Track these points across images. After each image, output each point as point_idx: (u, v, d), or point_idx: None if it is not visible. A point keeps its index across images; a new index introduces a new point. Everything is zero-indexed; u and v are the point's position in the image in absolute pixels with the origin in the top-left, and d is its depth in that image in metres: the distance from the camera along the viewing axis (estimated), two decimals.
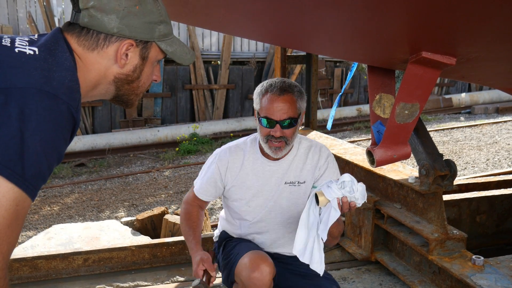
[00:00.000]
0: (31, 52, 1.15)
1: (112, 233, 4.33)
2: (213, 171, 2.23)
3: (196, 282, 2.01)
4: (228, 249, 2.26)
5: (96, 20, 1.22)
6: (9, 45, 1.17)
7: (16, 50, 1.15)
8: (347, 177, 1.81)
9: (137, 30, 1.26)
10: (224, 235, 2.40)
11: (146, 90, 1.40)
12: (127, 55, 1.27)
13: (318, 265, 1.88)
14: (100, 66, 1.26)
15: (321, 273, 1.90)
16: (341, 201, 1.79)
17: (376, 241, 3.64)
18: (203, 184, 2.27)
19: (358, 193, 1.80)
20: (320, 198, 1.79)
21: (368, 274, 3.53)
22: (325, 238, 1.80)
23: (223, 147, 2.29)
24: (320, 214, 1.85)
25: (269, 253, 2.26)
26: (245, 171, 2.20)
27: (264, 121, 2.04)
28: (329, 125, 4.70)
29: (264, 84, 2.10)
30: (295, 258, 2.30)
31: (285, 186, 2.20)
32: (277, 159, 2.19)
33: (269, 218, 2.23)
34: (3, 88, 1.06)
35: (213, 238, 2.52)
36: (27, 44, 1.18)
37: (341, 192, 1.78)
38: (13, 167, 1.02)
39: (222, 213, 2.46)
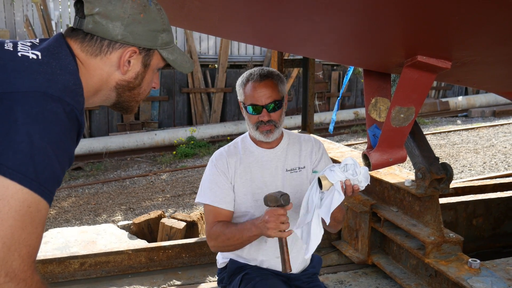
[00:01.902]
0: (34, 56, 1.15)
1: (108, 237, 4.32)
2: (215, 175, 2.18)
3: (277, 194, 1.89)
4: (248, 286, 2.15)
5: (101, 27, 1.23)
6: (11, 49, 1.17)
7: (19, 54, 1.15)
8: (350, 160, 1.82)
9: (141, 37, 1.27)
10: (233, 264, 2.26)
11: (146, 97, 1.41)
12: (129, 62, 1.28)
13: (309, 247, 1.88)
14: (102, 72, 1.27)
15: (307, 256, 1.90)
16: (345, 184, 1.80)
17: (373, 244, 3.64)
18: (215, 192, 2.17)
19: (361, 175, 1.81)
20: (323, 182, 1.80)
21: (365, 278, 3.53)
22: (328, 221, 1.81)
23: (215, 153, 2.27)
24: (322, 199, 1.85)
25: (284, 273, 2.23)
26: (244, 165, 2.20)
27: (251, 108, 2.10)
28: (331, 129, 4.72)
29: (244, 75, 2.16)
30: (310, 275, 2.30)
31: (286, 174, 2.20)
32: (272, 147, 2.21)
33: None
34: (8, 92, 1.06)
35: (217, 265, 2.39)
36: (30, 48, 1.18)
37: (344, 175, 1.79)
38: (24, 172, 1.02)
39: None
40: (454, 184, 4.48)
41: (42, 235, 1.09)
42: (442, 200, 3.83)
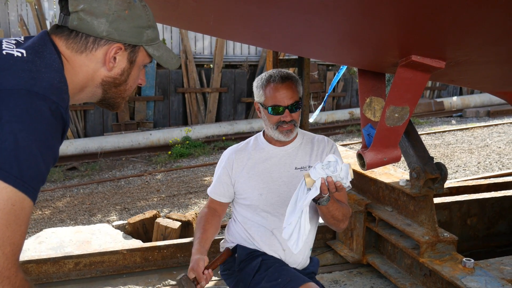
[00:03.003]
0: (19, 54, 1.15)
1: (103, 236, 4.31)
2: (221, 170, 2.32)
3: (181, 276, 2.03)
4: (270, 271, 2.16)
5: (86, 24, 1.23)
6: None
7: (4, 52, 1.15)
8: (332, 157, 1.86)
9: (126, 34, 1.27)
10: (243, 250, 2.29)
11: (132, 93, 1.40)
12: (115, 58, 1.28)
13: (294, 245, 1.92)
14: (88, 69, 1.27)
15: (294, 251, 1.94)
16: (327, 181, 1.83)
17: (368, 244, 3.65)
18: (214, 184, 2.36)
19: (342, 172, 1.84)
20: (306, 180, 1.84)
21: (359, 277, 3.53)
22: (302, 209, 1.86)
23: (228, 148, 2.39)
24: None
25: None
26: (252, 161, 2.27)
27: (273, 109, 2.16)
28: (311, 119, 4.78)
29: (262, 77, 2.22)
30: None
31: (295, 171, 2.25)
32: (284, 145, 2.27)
33: (284, 206, 2.18)
34: None
35: (221, 250, 2.42)
36: (14, 46, 1.18)
37: (325, 172, 1.83)
38: (9, 169, 1.02)
39: (231, 226, 2.40)
40: (448, 184, 4.50)
41: (26, 233, 1.09)
42: (437, 200, 3.84)
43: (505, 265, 2.99)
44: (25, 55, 1.15)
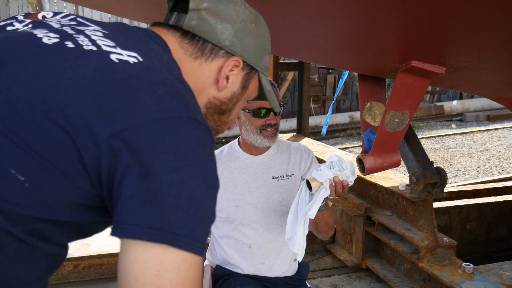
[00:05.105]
0: (135, 60, 0.82)
1: (103, 239, 4.31)
2: None
3: None
4: None
5: (207, 26, 0.97)
6: (95, 49, 0.82)
7: (114, 58, 0.81)
8: (335, 157, 1.80)
9: (249, 50, 1.01)
10: (219, 271, 2.26)
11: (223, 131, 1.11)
12: (228, 77, 1.00)
13: (299, 252, 1.88)
14: (197, 79, 0.98)
15: (299, 259, 1.91)
16: (333, 181, 1.77)
17: (367, 248, 3.65)
18: None
19: (348, 170, 1.79)
20: (312, 184, 1.76)
21: (359, 281, 3.53)
22: (312, 217, 1.79)
23: None
24: (311, 201, 1.83)
25: (270, 278, 2.23)
26: (228, 171, 2.18)
27: (258, 112, 2.07)
28: (323, 132, 4.77)
29: None
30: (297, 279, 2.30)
31: (273, 181, 2.17)
32: (260, 153, 2.19)
33: (262, 217, 2.17)
34: (121, 130, 0.74)
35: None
36: (117, 47, 0.84)
37: (332, 172, 1.76)
38: (189, 234, 0.76)
39: (211, 248, 2.35)
40: (448, 188, 4.50)
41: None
42: (436, 204, 3.84)
43: (504, 270, 2.99)
44: (141, 59, 0.83)
